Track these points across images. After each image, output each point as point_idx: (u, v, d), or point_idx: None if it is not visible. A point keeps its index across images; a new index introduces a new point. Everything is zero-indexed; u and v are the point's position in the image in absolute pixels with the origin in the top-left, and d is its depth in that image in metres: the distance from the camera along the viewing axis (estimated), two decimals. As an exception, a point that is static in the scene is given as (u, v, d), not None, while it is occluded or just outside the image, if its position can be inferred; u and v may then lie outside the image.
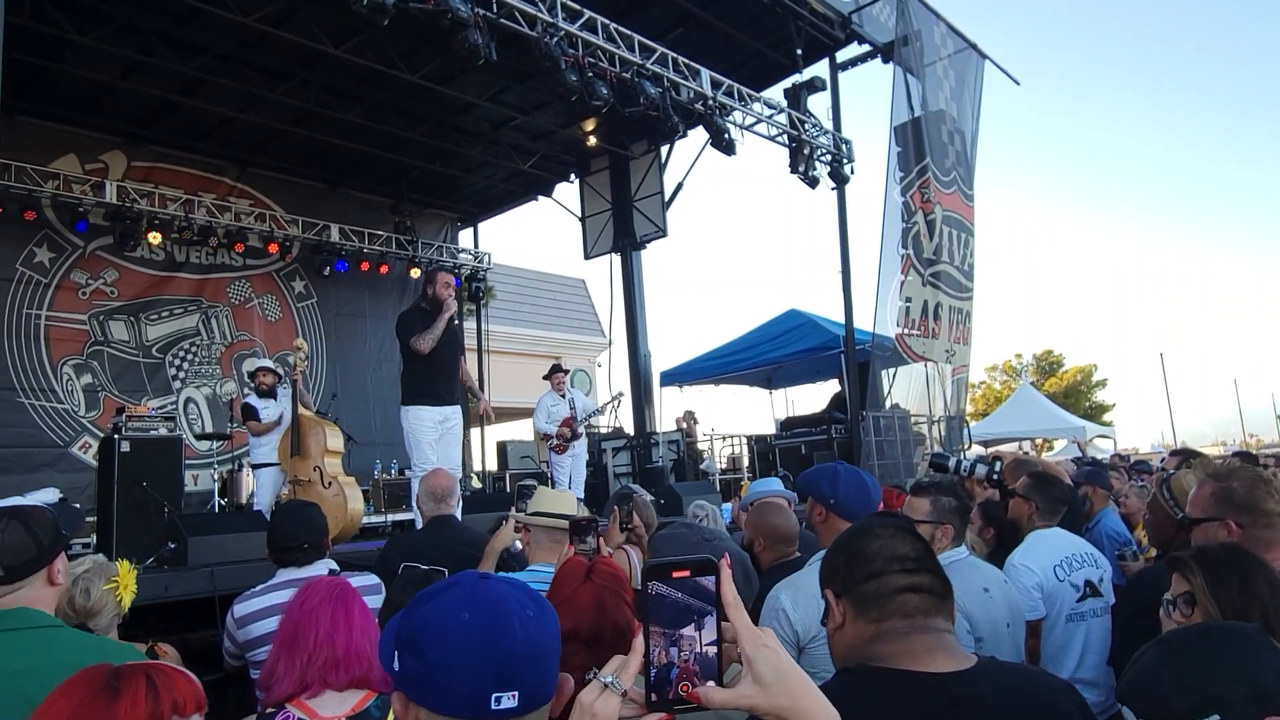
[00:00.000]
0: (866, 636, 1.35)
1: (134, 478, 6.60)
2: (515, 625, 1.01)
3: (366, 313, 13.10)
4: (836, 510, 2.49)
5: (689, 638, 0.94)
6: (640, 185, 12.72)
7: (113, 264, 10.83)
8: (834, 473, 2.56)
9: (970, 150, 12.15)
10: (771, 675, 0.92)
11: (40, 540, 1.88)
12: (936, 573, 1.40)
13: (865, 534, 1.45)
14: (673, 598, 0.95)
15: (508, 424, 18.71)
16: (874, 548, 1.41)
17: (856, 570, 1.40)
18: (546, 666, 1.03)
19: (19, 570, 1.83)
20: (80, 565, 2.57)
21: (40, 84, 9.62)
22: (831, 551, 1.49)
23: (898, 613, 1.34)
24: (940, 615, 1.36)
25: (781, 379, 14.77)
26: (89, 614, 2.47)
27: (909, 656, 1.30)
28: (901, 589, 1.36)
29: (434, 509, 3.71)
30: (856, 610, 1.38)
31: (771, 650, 0.94)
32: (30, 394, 9.97)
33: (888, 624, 1.34)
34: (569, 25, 7.52)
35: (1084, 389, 37.50)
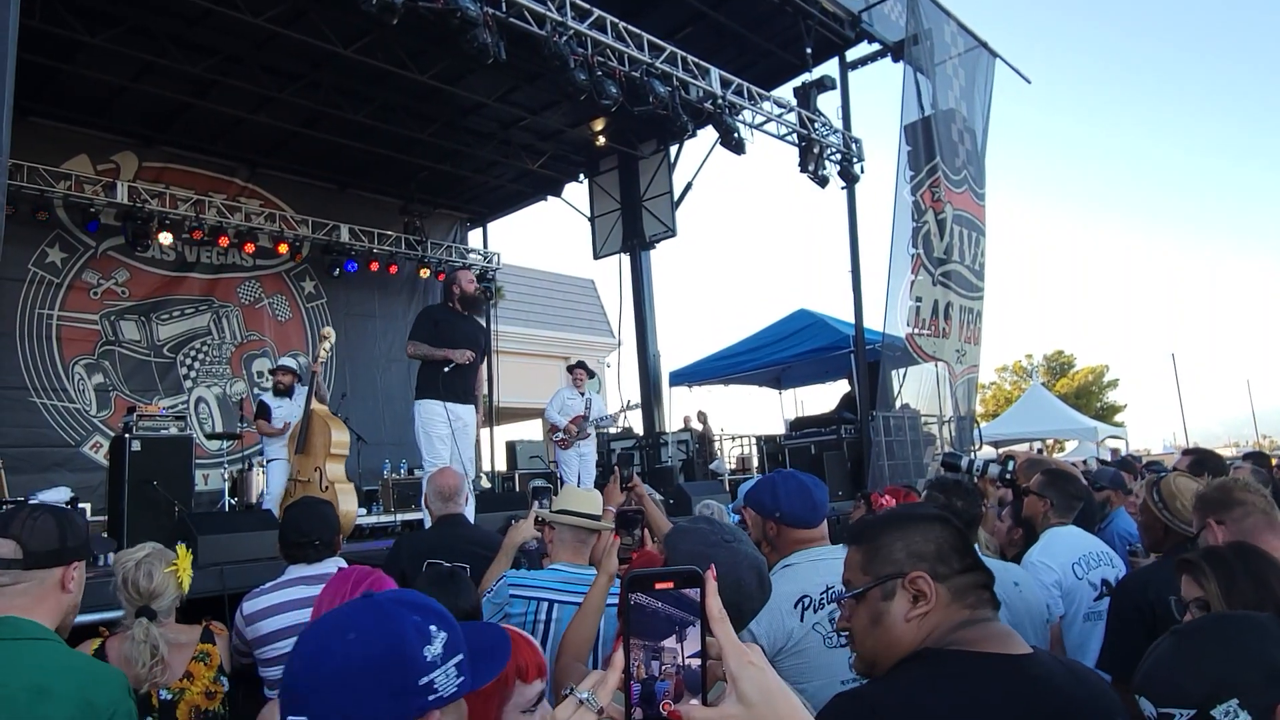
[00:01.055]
0: (959, 621, 1.42)
1: (145, 477, 6.64)
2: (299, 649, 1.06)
3: (376, 313, 13.13)
4: (785, 521, 2.46)
5: (670, 650, 0.89)
6: (649, 185, 12.71)
7: (124, 264, 10.88)
8: (773, 485, 2.53)
9: (981, 149, 12.08)
10: (757, 694, 0.88)
11: (66, 538, 1.87)
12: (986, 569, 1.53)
13: (946, 525, 1.52)
14: (654, 608, 0.90)
15: (517, 424, 18.72)
16: (961, 543, 1.49)
17: (953, 560, 1.47)
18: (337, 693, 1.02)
19: (38, 559, 1.81)
20: (140, 551, 2.67)
21: (53, 85, 9.68)
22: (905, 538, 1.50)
23: (985, 604, 1.45)
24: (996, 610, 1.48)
25: (791, 379, 14.73)
26: (153, 595, 2.56)
27: (992, 640, 1.38)
28: (982, 585, 1.47)
29: (442, 508, 3.69)
30: (953, 595, 1.44)
31: (758, 668, 0.89)
32: (42, 393, 10.02)
33: (979, 612, 1.43)
34: (578, 24, 7.51)
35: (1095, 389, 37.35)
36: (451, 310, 6.38)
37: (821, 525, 2.49)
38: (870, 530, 1.55)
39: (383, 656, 1.04)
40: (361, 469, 10.25)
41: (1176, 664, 1.31)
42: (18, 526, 1.83)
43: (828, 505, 2.58)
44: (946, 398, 11.21)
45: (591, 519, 2.84)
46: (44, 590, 1.84)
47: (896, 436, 10.23)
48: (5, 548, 1.81)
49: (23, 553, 1.81)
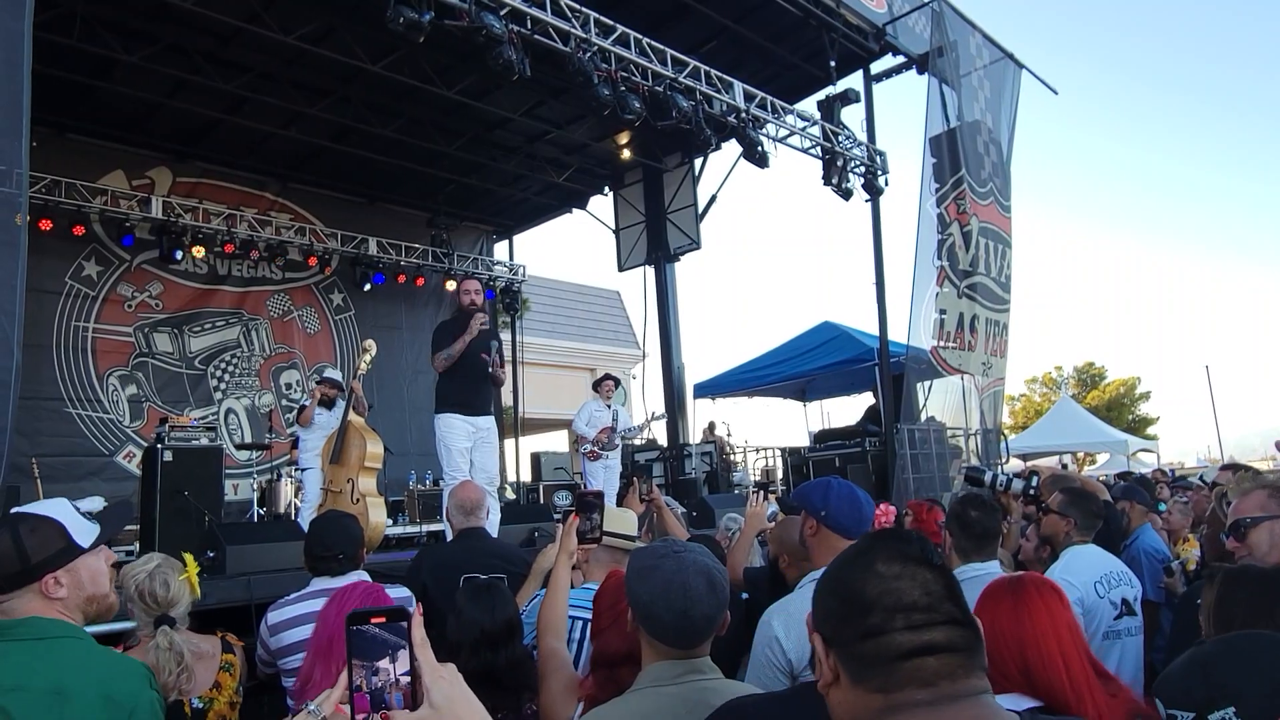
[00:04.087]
0: (875, 709, 1.04)
1: (176, 486, 6.73)
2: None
3: (403, 324, 13.26)
4: (828, 523, 2.44)
5: (385, 669, 1.10)
6: (674, 198, 12.76)
7: (158, 277, 11.09)
8: (827, 485, 2.53)
9: (1006, 161, 12.01)
10: (443, 700, 1.08)
11: (29, 555, 1.77)
12: (957, 621, 1.07)
13: (861, 570, 1.11)
14: (371, 634, 1.12)
15: (542, 435, 18.79)
16: (872, 592, 1.08)
17: (850, 621, 1.08)
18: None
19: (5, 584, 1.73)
20: (149, 562, 2.68)
21: (90, 103, 9.91)
22: (821, 584, 1.18)
23: (912, 681, 1.03)
24: (971, 675, 1.04)
25: (815, 391, 14.68)
26: (171, 604, 2.58)
27: None
28: (910, 652, 1.03)
29: (463, 521, 3.73)
30: (853, 675, 1.07)
31: (446, 681, 1.10)
32: (77, 404, 10.23)
33: (901, 695, 1.03)
34: (602, 40, 7.58)
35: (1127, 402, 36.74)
36: (461, 324, 6.44)
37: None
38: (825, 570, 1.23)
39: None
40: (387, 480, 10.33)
41: (1188, 671, 1.34)
42: None
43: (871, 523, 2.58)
44: (973, 410, 11.13)
45: (627, 539, 2.85)
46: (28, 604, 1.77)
47: (921, 449, 10.15)
48: None
49: None
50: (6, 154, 3.97)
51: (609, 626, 2.01)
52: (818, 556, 2.43)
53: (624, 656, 1.90)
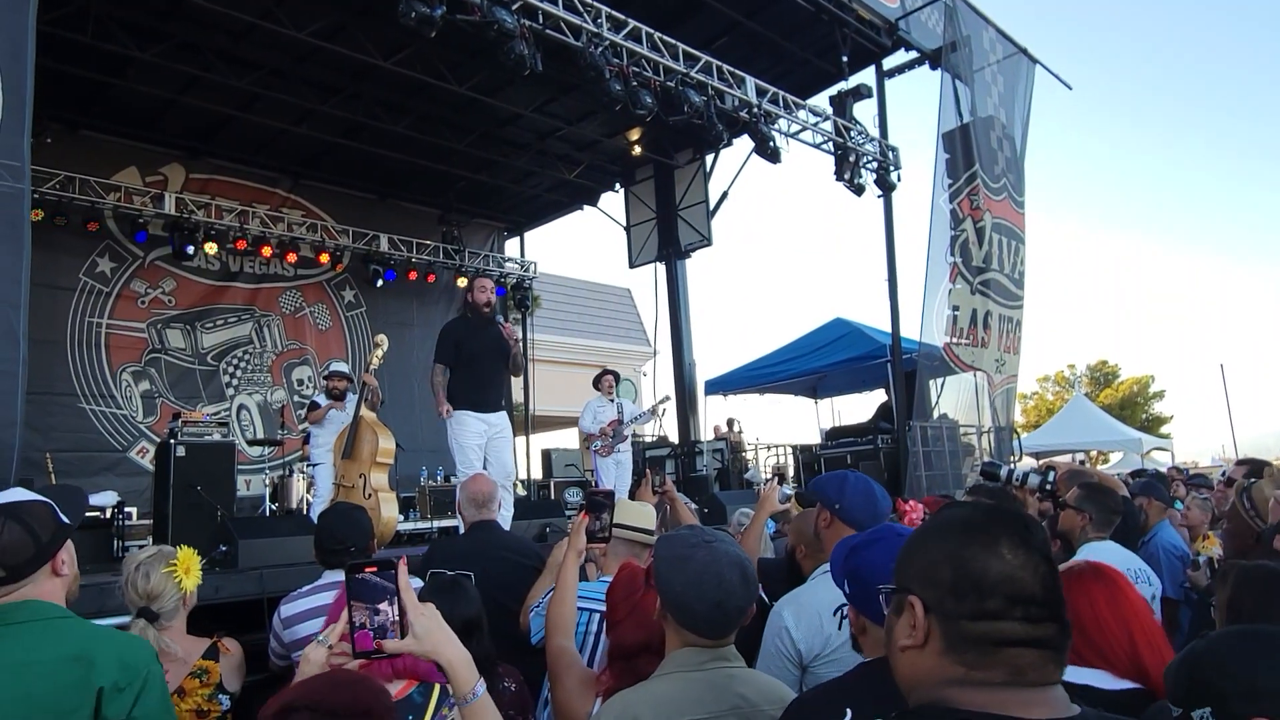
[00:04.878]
0: (951, 678, 1.08)
1: (189, 481, 6.77)
2: None
3: (414, 321, 13.27)
4: (841, 516, 2.44)
5: (384, 610, 1.45)
6: (685, 194, 12.74)
7: (171, 273, 11.13)
8: (843, 479, 2.53)
9: (1020, 156, 11.94)
10: (423, 632, 1.46)
11: (40, 537, 1.84)
12: (1062, 621, 1.09)
13: (985, 549, 1.10)
14: (370, 582, 1.47)
15: (552, 432, 18.80)
16: (995, 574, 1.08)
17: (965, 599, 1.08)
18: None
19: (20, 570, 1.81)
20: (145, 553, 2.67)
21: (103, 100, 9.96)
22: (932, 551, 1.15)
23: (1002, 666, 1.06)
24: (1053, 668, 1.08)
25: (827, 388, 14.64)
26: (150, 597, 2.55)
27: (997, 705, 1.05)
28: (1016, 641, 1.06)
29: (475, 514, 3.72)
30: (949, 643, 1.09)
31: (425, 617, 1.48)
32: (91, 400, 10.28)
33: (984, 674, 1.06)
34: (613, 35, 7.56)
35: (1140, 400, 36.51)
36: (469, 322, 6.46)
37: None
38: (922, 531, 1.26)
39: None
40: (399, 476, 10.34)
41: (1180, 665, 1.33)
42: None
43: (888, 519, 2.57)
44: (985, 407, 11.07)
45: (645, 533, 2.84)
46: (40, 585, 1.85)
47: (934, 446, 10.11)
48: None
49: (4, 570, 1.79)
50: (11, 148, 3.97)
51: (625, 618, 2.00)
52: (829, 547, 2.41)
53: (642, 647, 1.89)
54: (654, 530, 2.93)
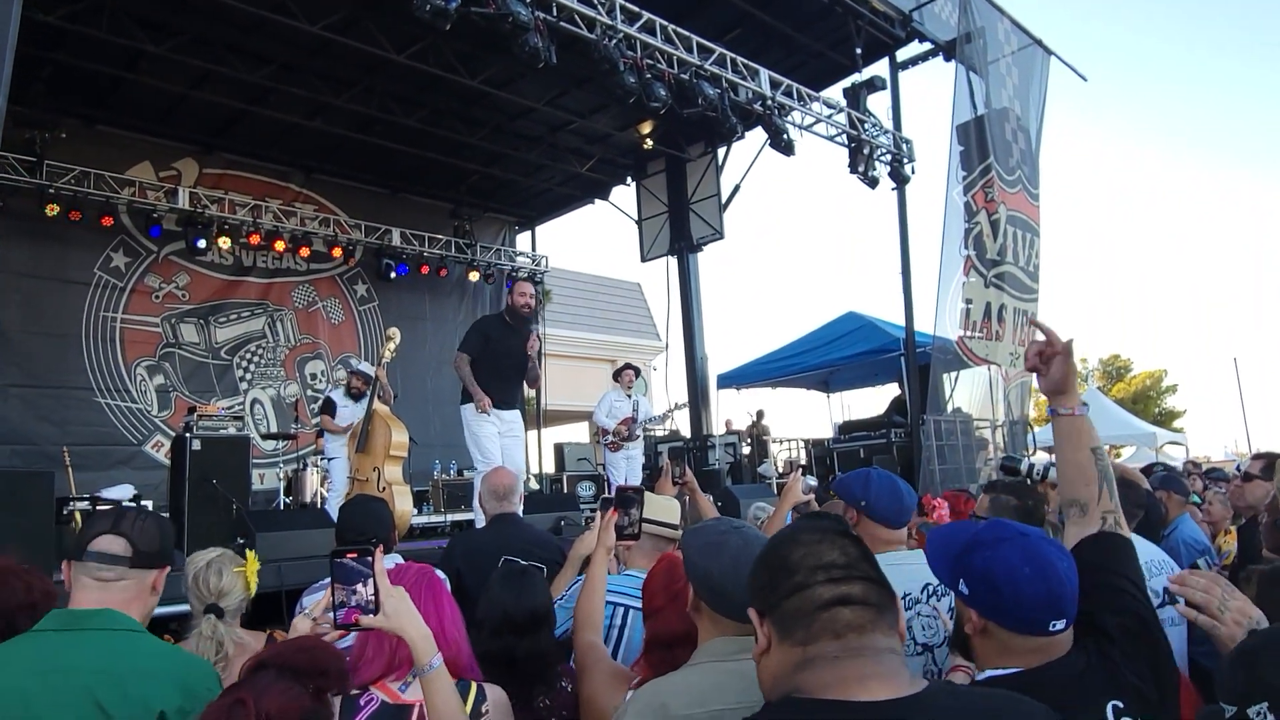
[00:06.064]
0: (793, 663, 1.17)
1: (204, 475, 6.78)
2: (1064, 577, 1.47)
3: (427, 315, 13.29)
4: (868, 513, 2.41)
5: (360, 590, 1.69)
6: (697, 188, 12.70)
7: (184, 268, 11.17)
8: (867, 476, 2.49)
9: (1035, 148, 11.86)
10: (391, 610, 1.69)
11: (165, 543, 1.98)
12: (872, 579, 1.20)
13: (788, 541, 1.26)
14: (349, 565, 1.70)
15: (564, 426, 18.81)
16: (796, 556, 1.22)
17: (779, 584, 1.21)
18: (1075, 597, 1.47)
19: (144, 559, 1.92)
20: (211, 552, 2.73)
21: (118, 95, 10.00)
22: (754, 566, 1.30)
23: (825, 631, 1.15)
24: (878, 630, 1.16)
25: (839, 382, 14.60)
26: (221, 594, 2.61)
27: (838, 685, 1.13)
28: (828, 602, 1.16)
29: (496, 507, 3.72)
30: (781, 632, 1.19)
31: (395, 598, 1.71)
32: (106, 394, 10.33)
33: (815, 647, 1.15)
34: (627, 27, 7.54)
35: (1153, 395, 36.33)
36: (506, 323, 6.47)
37: (902, 531, 2.45)
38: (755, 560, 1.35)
39: None
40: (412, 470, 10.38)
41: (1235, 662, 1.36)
42: (128, 525, 1.92)
43: (913, 513, 2.55)
44: (999, 401, 11.03)
45: (671, 528, 2.83)
46: (140, 589, 1.93)
47: (948, 441, 10.07)
48: (116, 544, 1.89)
49: (132, 550, 1.90)
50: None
51: (665, 606, 1.99)
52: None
53: (681, 637, 1.88)
54: (679, 525, 2.92)
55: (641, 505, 2.56)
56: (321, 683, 1.53)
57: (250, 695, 1.42)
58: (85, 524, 1.97)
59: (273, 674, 1.48)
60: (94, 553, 1.87)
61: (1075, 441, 1.89)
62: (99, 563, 1.87)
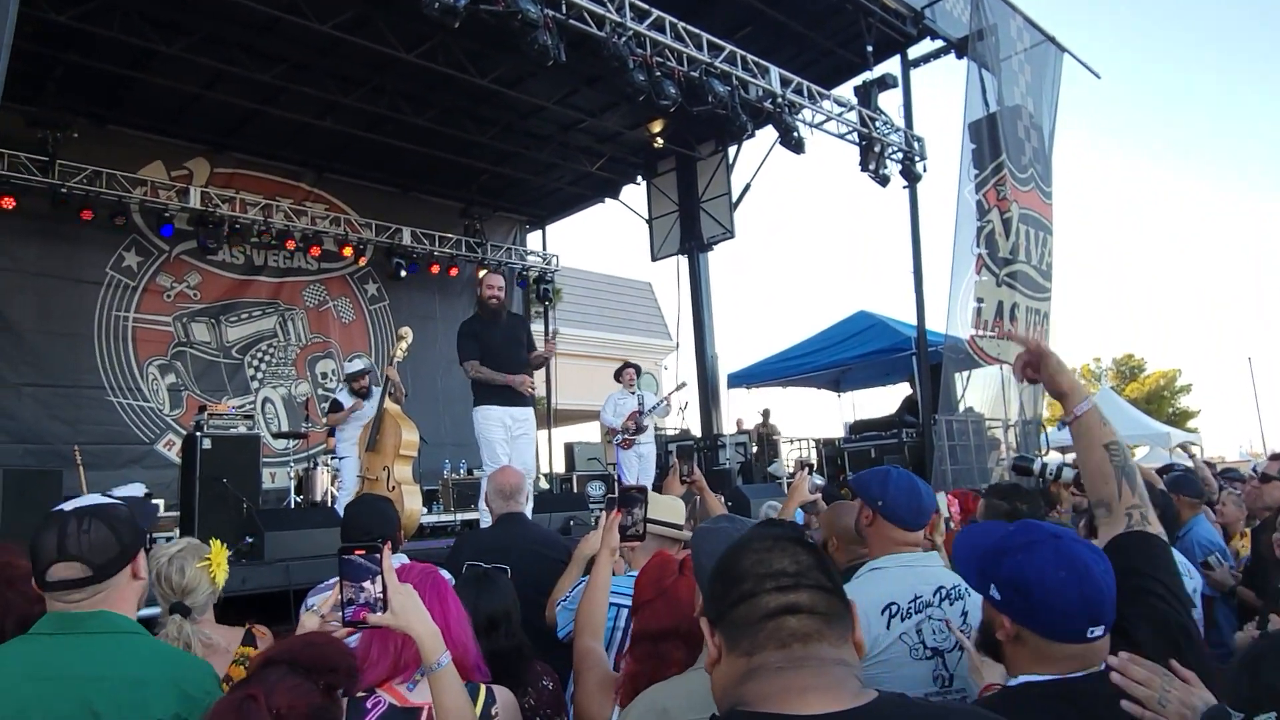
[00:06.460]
0: (739, 674, 1.13)
1: (215, 474, 6.79)
2: (1101, 581, 1.43)
3: (437, 314, 13.29)
4: (885, 513, 2.36)
5: (368, 588, 1.69)
6: (707, 187, 12.66)
7: (196, 268, 11.20)
8: (885, 475, 2.43)
9: (1048, 146, 11.76)
10: (398, 608, 1.69)
11: (123, 537, 1.85)
12: (823, 588, 1.15)
13: (739, 548, 1.22)
14: (357, 562, 1.69)
15: (575, 426, 18.81)
16: (747, 564, 1.18)
17: (728, 593, 1.17)
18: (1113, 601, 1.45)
19: (107, 568, 1.81)
20: (174, 546, 2.62)
21: (130, 95, 10.04)
22: (709, 576, 1.27)
23: (771, 641, 1.11)
24: (825, 640, 1.11)
25: (850, 381, 14.54)
26: (185, 591, 2.51)
27: (778, 697, 1.08)
28: (774, 611, 1.12)
29: (503, 506, 3.70)
30: (729, 642, 1.15)
31: (403, 595, 1.71)
32: (118, 393, 10.37)
33: (760, 657, 1.11)
34: (637, 25, 7.51)
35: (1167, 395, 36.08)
36: (479, 317, 6.49)
37: (918, 533, 2.41)
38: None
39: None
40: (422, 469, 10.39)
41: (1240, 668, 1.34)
42: (74, 545, 1.78)
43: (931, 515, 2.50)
44: (1012, 401, 10.94)
45: (674, 528, 2.80)
46: (120, 589, 1.85)
47: (960, 440, 10.01)
48: (72, 570, 1.77)
49: (90, 569, 1.78)
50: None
51: (654, 600, 1.96)
52: (875, 547, 2.35)
53: (669, 631, 1.86)
54: (684, 525, 2.89)
55: (646, 505, 2.51)
56: (331, 679, 1.52)
57: (261, 691, 1.41)
58: (32, 545, 1.80)
59: (282, 670, 1.48)
60: (54, 583, 1.78)
61: (1087, 440, 1.88)
62: (63, 590, 1.78)
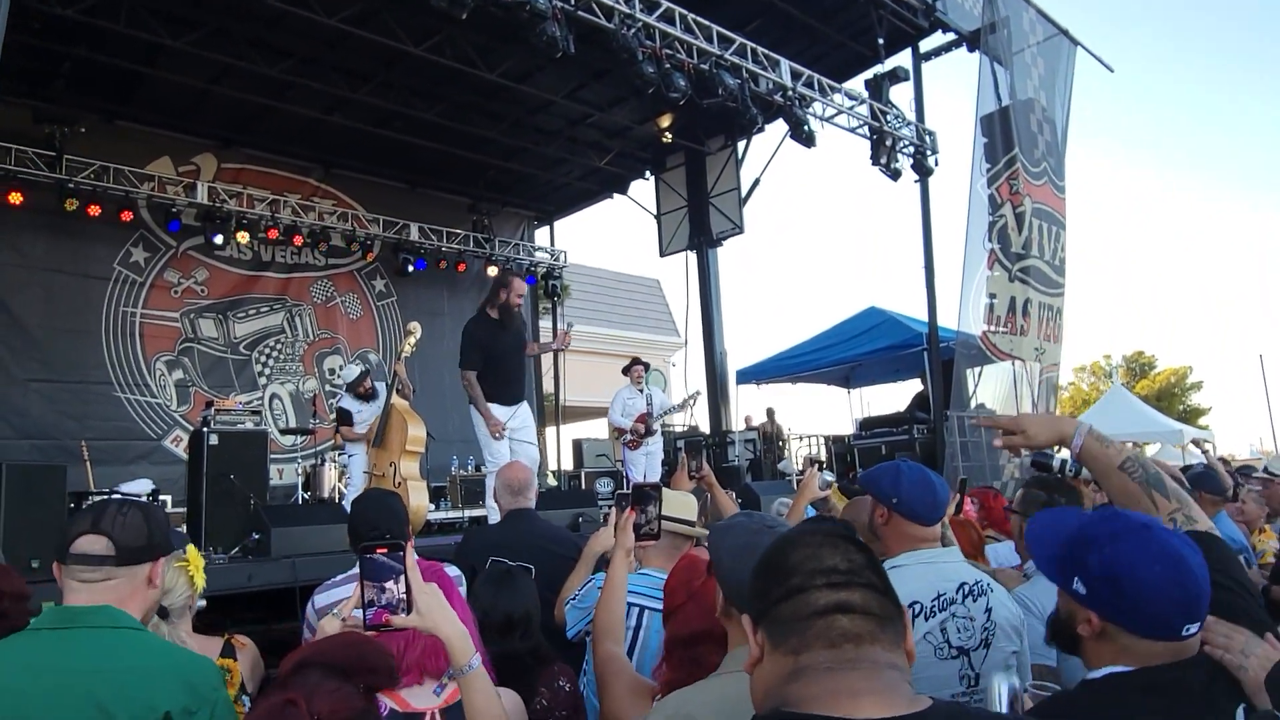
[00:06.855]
0: (784, 674, 1.07)
1: (222, 470, 6.74)
2: (1199, 575, 1.34)
3: (445, 311, 13.25)
4: (900, 510, 2.27)
5: (391, 588, 1.59)
6: (716, 181, 12.59)
7: (203, 263, 11.18)
8: (897, 470, 2.35)
9: (1061, 140, 11.65)
10: (424, 608, 1.60)
11: (154, 534, 1.88)
12: (875, 588, 1.11)
13: (787, 543, 1.18)
14: (379, 562, 1.59)
15: (583, 423, 18.76)
16: (795, 559, 1.13)
17: (773, 588, 1.13)
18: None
19: (130, 554, 1.82)
20: None
21: (137, 90, 10.01)
22: (751, 573, 1.21)
23: (820, 640, 1.06)
24: (879, 644, 1.07)
25: (860, 378, 14.46)
26: (164, 592, 2.38)
27: (827, 699, 1.03)
28: (824, 608, 1.07)
29: (511, 502, 3.63)
30: (774, 639, 1.10)
31: (428, 595, 1.61)
32: (126, 388, 10.35)
33: (808, 656, 1.06)
34: (646, 16, 7.44)
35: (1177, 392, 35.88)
36: (492, 320, 6.43)
37: (936, 527, 2.32)
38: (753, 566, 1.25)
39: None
40: (430, 466, 10.35)
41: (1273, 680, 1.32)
42: (108, 522, 1.82)
43: (946, 508, 2.42)
44: (1025, 397, 10.83)
45: (687, 524, 2.73)
46: (134, 585, 1.84)
47: (972, 437, 9.91)
48: (97, 544, 1.80)
49: (114, 549, 1.80)
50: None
51: (685, 603, 1.89)
52: (892, 545, 2.27)
53: (703, 634, 1.79)
54: (696, 522, 2.82)
55: (660, 503, 2.44)
56: (371, 680, 1.46)
57: (301, 695, 1.34)
58: (67, 523, 1.87)
59: (319, 673, 1.41)
60: (76, 554, 1.79)
61: (1099, 470, 1.89)
62: (81, 564, 1.78)
